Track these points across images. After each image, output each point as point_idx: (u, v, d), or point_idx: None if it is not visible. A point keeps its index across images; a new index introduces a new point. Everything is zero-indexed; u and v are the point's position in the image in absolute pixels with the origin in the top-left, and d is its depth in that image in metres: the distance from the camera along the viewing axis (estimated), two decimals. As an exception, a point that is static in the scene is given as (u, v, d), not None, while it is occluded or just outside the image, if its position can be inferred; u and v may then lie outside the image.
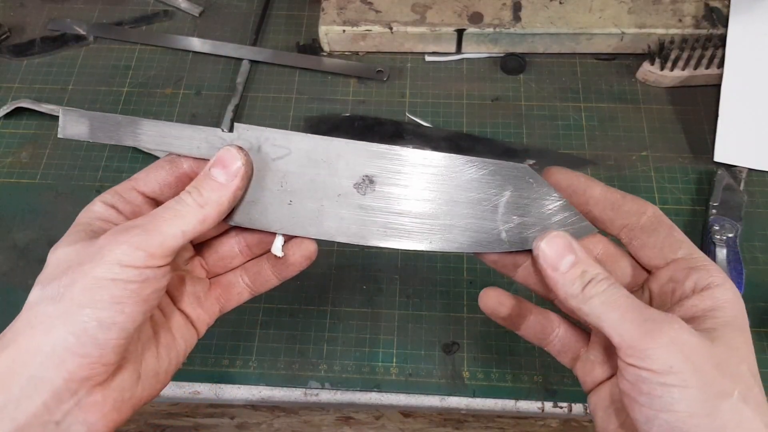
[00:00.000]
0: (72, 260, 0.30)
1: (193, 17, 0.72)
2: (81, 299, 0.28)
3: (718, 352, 0.28)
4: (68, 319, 0.28)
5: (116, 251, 0.29)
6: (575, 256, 0.32)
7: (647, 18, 0.65)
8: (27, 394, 0.28)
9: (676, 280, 0.31)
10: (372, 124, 0.63)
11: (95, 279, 0.29)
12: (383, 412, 0.58)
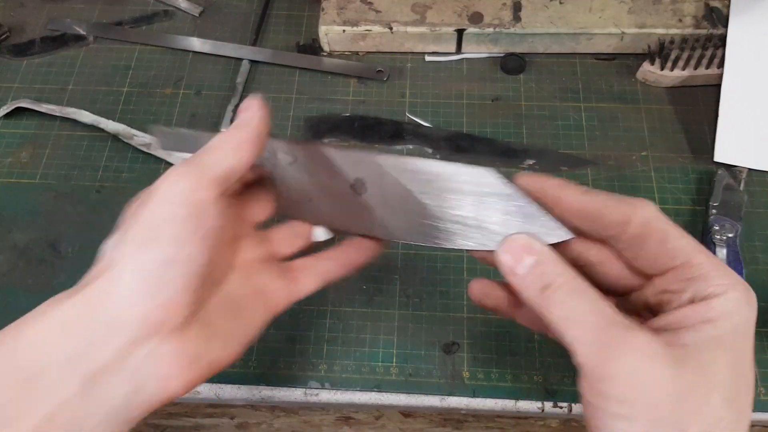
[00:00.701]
0: (137, 205, 0.31)
1: (193, 17, 0.72)
2: (140, 239, 0.28)
3: (684, 380, 0.25)
4: (132, 260, 0.28)
5: (163, 187, 0.29)
6: (536, 258, 0.29)
7: (647, 18, 0.65)
8: (102, 339, 0.27)
9: (672, 291, 0.28)
10: (372, 124, 0.63)
11: (150, 217, 0.29)
12: (383, 412, 0.58)
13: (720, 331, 0.26)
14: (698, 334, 0.26)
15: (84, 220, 0.58)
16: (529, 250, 0.30)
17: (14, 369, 0.26)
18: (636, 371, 0.25)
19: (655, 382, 0.25)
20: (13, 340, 0.27)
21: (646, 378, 0.25)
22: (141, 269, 0.28)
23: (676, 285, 0.28)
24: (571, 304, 0.27)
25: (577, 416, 0.50)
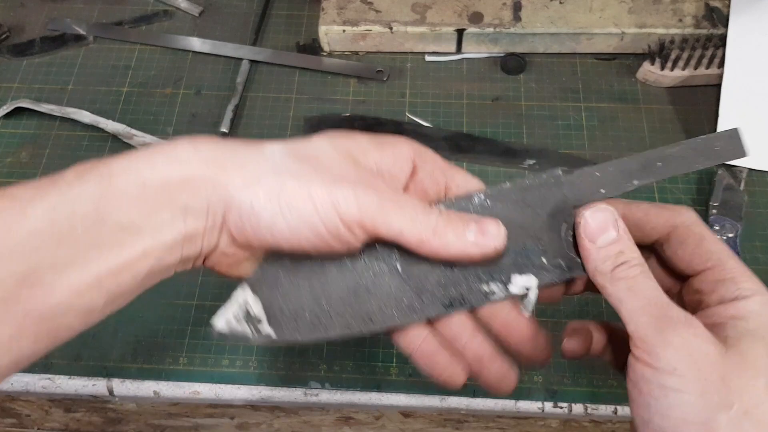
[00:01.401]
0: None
1: (193, 17, 0.72)
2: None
3: (730, 362, 0.27)
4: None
5: (342, 193, 0.29)
6: (617, 234, 0.30)
7: (647, 18, 0.65)
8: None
9: (702, 292, 0.30)
10: (372, 124, 0.63)
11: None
12: (383, 412, 0.58)
13: (751, 327, 0.28)
14: (735, 328, 0.28)
15: (84, 220, 0.58)
16: (614, 224, 0.31)
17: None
18: (691, 346, 0.27)
19: (707, 359, 0.26)
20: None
21: (700, 354, 0.26)
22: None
23: (707, 285, 0.30)
24: (639, 280, 0.29)
25: (577, 416, 0.50)
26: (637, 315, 0.28)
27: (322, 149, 0.31)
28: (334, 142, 0.31)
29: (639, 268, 0.29)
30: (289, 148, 0.30)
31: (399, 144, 0.33)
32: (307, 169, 0.29)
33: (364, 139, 0.32)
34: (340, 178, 0.29)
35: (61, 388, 0.52)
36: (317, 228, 0.29)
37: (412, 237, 0.30)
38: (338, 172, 0.30)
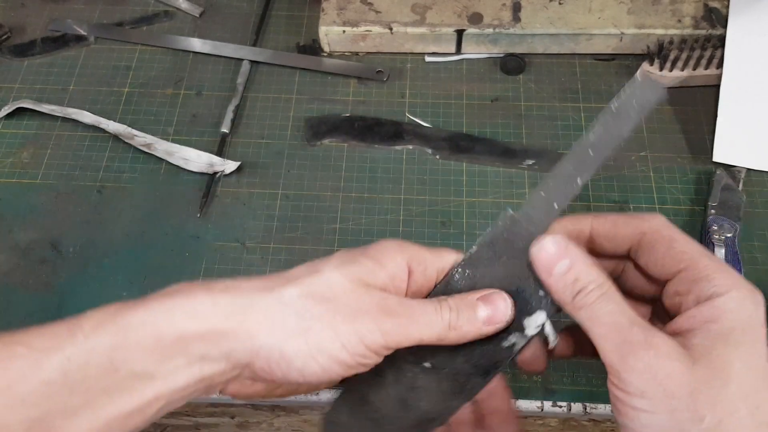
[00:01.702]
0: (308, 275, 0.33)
1: (194, 18, 0.73)
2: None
3: (698, 375, 0.27)
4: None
5: (364, 326, 0.31)
6: (569, 261, 0.31)
7: (646, 18, 0.65)
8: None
9: (680, 293, 0.30)
10: (372, 125, 0.64)
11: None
12: (383, 412, 0.58)
13: (725, 329, 0.28)
14: (706, 334, 0.28)
15: (85, 220, 0.58)
16: (564, 253, 0.31)
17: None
18: (652, 366, 0.27)
19: (670, 376, 0.27)
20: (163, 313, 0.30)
21: (662, 371, 0.27)
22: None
23: (683, 287, 0.30)
24: (599, 306, 0.29)
25: (576, 415, 0.50)
26: (601, 342, 0.29)
27: (336, 284, 0.31)
28: (344, 271, 0.32)
29: (596, 293, 0.30)
30: (305, 290, 0.31)
31: (395, 255, 0.34)
32: (327, 309, 0.31)
33: (367, 260, 0.33)
34: (359, 312, 0.31)
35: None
36: (347, 362, 0.31)
37: (432, 339, 0.32)
38: (356, 306, 0.31)
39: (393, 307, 0.31)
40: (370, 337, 0.30)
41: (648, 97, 0.32)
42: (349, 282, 0.31)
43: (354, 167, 0.61)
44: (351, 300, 0.31)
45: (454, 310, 0.32)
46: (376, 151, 0.62)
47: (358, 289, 0.31)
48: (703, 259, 0.30)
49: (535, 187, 0.33)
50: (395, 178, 0.61)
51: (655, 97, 0.32)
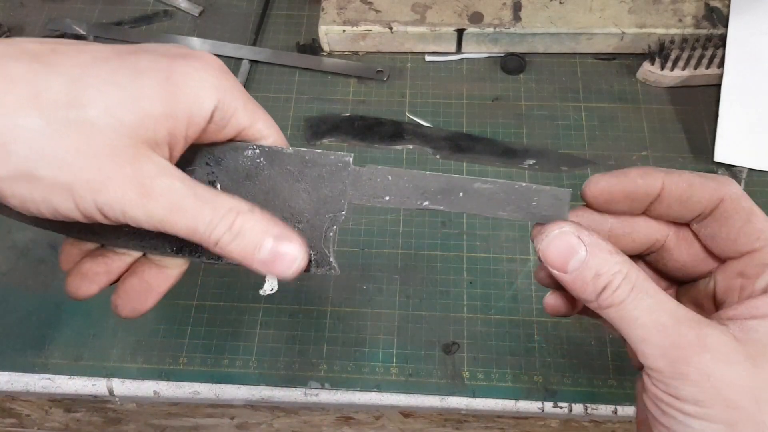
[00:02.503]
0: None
1: (193, 17, 0.72)
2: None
3: (760, 379, 0.24)
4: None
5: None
6: (586, 253, 0.26)
7: (647, 18, 0.65)
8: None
9: (746, 276, 0.27)
10: (372, 124, 0.63)
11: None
12: (383, 413, 0.58)
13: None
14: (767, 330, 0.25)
15: (84, 220, 0.58)
16: (576, 246, 0.27)
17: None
18: (710, 373, 0.24)
19: (732, 383, 0.24)
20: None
21: (722, 379, 0.24)
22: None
23: (752, 269, 0.27)
24: (633, 303, 0.26)
25: (577, 416, 0.50)
26: (642, 346, 0.25)
27: (103, 136, 0.26)
28: (122, 118, 0.26)
29: (625, 288, 0.26)
30: (55, 121, 0.25)
31: (205, 92, 0.28)
32: (78, 161, 0.26)
33: (162, 97, 0.26)
34: (116, 181, 0.26)
35: (61, 388, 0.52)
36: (77, 218, 0.28)
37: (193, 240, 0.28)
38: (119, 171, 0.26)
39: (158, 191, 0.26)
40: (107, 211, 0.26)
41: (549, 211, 0.29)
42: (117, 137, 0.25)
43: (354, 167, 0.61)
44: (108, 159, 0.25)
45: (232, 233, 0.27)
46: (376, 151, 0.62)
47: (126, 148, 0.26)
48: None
49: (391, 167, 0.30)
50: (395, 178, 0.60)
51: (552, 217, 0.29)
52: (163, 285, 0.33)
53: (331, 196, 0.30)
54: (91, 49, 0.27)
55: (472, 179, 0.29)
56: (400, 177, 0.30)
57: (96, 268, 0.33)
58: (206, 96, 0.27)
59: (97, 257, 0.33)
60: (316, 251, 0.31)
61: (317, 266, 0.31)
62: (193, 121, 0.27)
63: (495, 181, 0.29)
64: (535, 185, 0.29)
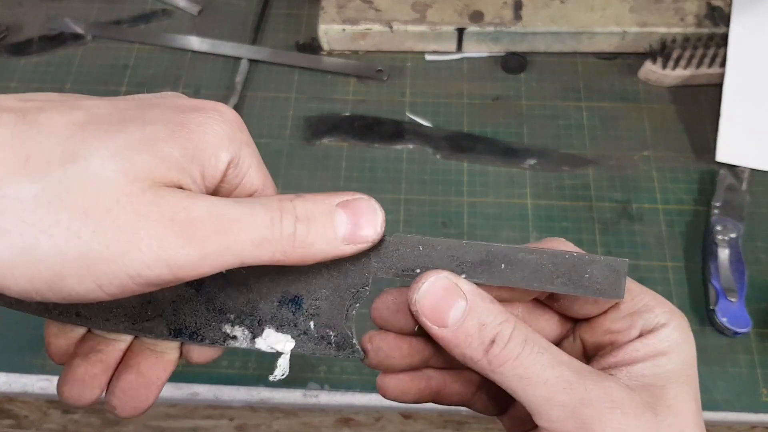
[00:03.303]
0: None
1: (192, 16, 0.72)
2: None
3: (662, 427, 0.23)
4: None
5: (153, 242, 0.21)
6: (466, 303, 0.24)
7: (649, 17, 0.64)
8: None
9: (615, 331, 0.26)
10: (372, 124, 0.63)
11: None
12: (383, 414, 0.58)
13: (676, 365, 0.24)
14: (656, 370, 0.24)
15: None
16: (454, 293, 0.24)
17: None
18: (624, 430, 0.23)
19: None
20: None
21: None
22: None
23: (621, 323, 0.26)
24: (531, 358, 0.23)
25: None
26: (546, 407, 0.23)
27: (104, 185, 0.21)
28: (124, 164, 0.21)
29: (518, 340, 0.24)
30: (49, 189, 0.21)
31: (219, 149, 0.24)
32: (78, 224, 0.21)
33: (173, 147, 0.22)
34: (136, 232, 0.21)
35: (58, 389, 0.52)
36: (100, 298, 0.23)
37: (260, 261, 0.24)
38: (132, 220, 0.21)
39: (199, 218, 0.22)
40: (147, 273, 0.21)
41: (603, 285, 0.26)
42: (129, 182, 0.21)
43: (354, 167, 0.61)
44: (125, 211, 0.21)
45: (303, 221, 0.23)
46: (376, 151, 0.62)
47: (143, 192, 0.21)
48: (641, 292, 0.26)
49: (420, 235, 0.28)
50: (395, 178, 0.60)
51: (607, 293, 0.26)
52: (162, 375, 0.29)
53: (353, 269, 0.27)
54: (86, 105, 0.23)
55: (515, 248, 0.26)
56: (433, 247, 0.27)
57: (92, 370, 0.28)
58: (223, 147, 0.24)
59: (89, 355, 0.28)
60: (337, 332, 0.27)
61: (338, 349, 0.27)
62: (207, 173, 0.23)
63: (542, 251, 0.26)
64: (588, 255, 0.26)
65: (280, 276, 0.27)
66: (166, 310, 0.28)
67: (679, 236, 0.56)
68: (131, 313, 0.28)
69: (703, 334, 0.51)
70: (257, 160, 0.26)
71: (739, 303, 0.51)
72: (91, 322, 0.28)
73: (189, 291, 0.28)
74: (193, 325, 0.27)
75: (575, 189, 0.59)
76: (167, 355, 0.29)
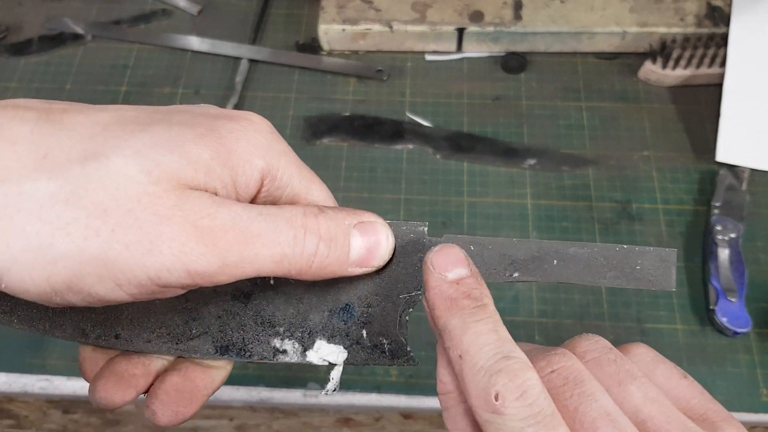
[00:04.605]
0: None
1: (192, 16, 0.72)
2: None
3: None
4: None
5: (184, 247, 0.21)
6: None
7: (649, 17, 0.64)
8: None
9: None
10: (372, 124, 0.63)
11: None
12: (383, 414, 0.58)
13: None
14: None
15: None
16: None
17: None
18: None
19: None
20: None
21: None
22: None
23: None
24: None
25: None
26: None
27: (124, 184, 0.21)
28: (147, 163, 0.21)
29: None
30: (67, 187, 0.21)
31: (252, 155, 0.23)
32: (98, 222, 0.21)
33: (203, 149, 0.22)
34: (158, 234, 0.21)
35: (59, 389, 0.52)
36: (119, 300, 0.23)
37: (278, 273, 0.24)
38: (154, 222, 0.21)
39: (222, 227, 0.21)
40: (167, 277, 0.21)
41: (654, 276, 0.26)
42: (152, 182, 0.20)
43: (354, 167, 0.61)
44: (147, 212, 0.20)
45: (325, 241, 0.23)
46: (376, 151, 0.62)
47: (167, 193, 0.21)
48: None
49: (471, 236, 0.28)
50: (395, 178, 0.60)
51: (658, 284, 0.26)
52: (209, 386, 0.27)
53: (404, 273, 0.27)
54: (112, 108, 0.23)
55: (566, 244, 0.26)
56: (484, 246, 0.27)
57: (133, 369, 0.27)
58: (257, 155, 0.23)
59: (132, 356, 0.27)
60: (390, 340, 0.27)
61: (392, 357, 0.26)
62: (240, 180, 0.23)
63: (593, 245, 0.26)
64: (638, 247, 0.26)
65: (330, 284, 0.26)
66: (211, 327, 0.27)
67: (679, 236, 0.56)
68: (174, 332, 0.27)
69: (703, 334, 0.51)
70: (297, 166, 0.26)
71: (739, 303, 0.51)
72: (132, 344, 0.27)
73: (236, 305, 0.27)
74: (241, 342, 0.27)
75: (575, 189, 0.59)
76: (214, 372, 0.28)
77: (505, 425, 0.21)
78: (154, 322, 0.27)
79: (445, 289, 0.24)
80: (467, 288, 0.24)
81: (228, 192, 0.22)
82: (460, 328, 0.23)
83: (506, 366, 0.21)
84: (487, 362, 0.22)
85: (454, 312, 0.24)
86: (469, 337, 0.23)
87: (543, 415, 0.21)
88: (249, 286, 0.27)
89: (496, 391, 0.21)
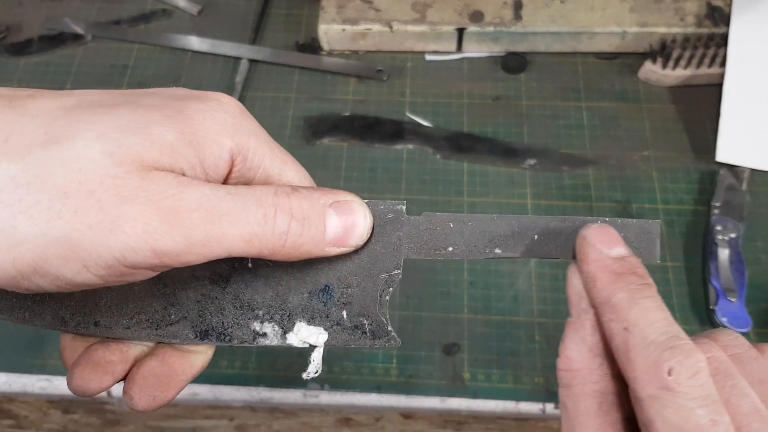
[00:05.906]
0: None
1: (192, 16, 0.72)
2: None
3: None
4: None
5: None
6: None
7: (649, 17, 0.64)
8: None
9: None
10: (372, 124, 0.63)
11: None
12: (383, 414, 0.58)
13: None
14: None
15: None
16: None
17: None
18: None
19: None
20: None
21: None
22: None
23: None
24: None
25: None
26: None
27: (89, 167, 0.20)
28: (110, 146, 0.21)
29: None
30: (30, 171, 0.21)
31: (220, 135, 0.23)
32: (59, 205, 0.21)
33: (168, 131, 0.22)
34: (120, 214, 0.21)
35: (59, 389, 0.52)
36: (88, 283, 0.23)
37: (249, 254, 0.23)
38: (116, 203, 0.21)
39: (187, 206, 0.21)
40: (134, 257, 0.20)
41: (638, 248, 0.26)
42: (115, 164, 0.20)
43: (354, 167, 0.61)
44: (109, 193, 0.20)
45: (298, 220, 0.23)
46: (376, 151, 0.62)
47: (130, 175, 0.21)
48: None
49: (451, 213, 0.27)
50: (395, 178, 0.60)
51: (643, 256, 0.26)
52: (188, 371, 0.28)
53: (383, 252, 0.26)
54: (78, 92, 0.23)
55: (547, 218, 0.26)
56: (464, 223, 0.26)
57: (110, 356, 0.27)
58: (225, 135, 0.23)
59: (110, 343, 0.27)
60: (371, 320, 0.26)
61: (373, 337, 0.26)
62: (208, 161, 0.23)
63: (574, 218, 0.26)
64: (620, 219, 0.26)
65: (309, 266, 0.26)
66: (190, 312, 0.27)
67: (679, 236, 0.56)
68: (153, 318, 0.27)
69: (703, 334, 0.51)
70: (270, 147, 0.25)
71: (739, 303, 0.51)
72: (111, 331, 0.27)
73: (215, 289, 0.27)
74: (220, 326, 0.27)
75: (575, 189, 0.59)
76: (194, 357, 0.28)
77: (674, 402, 0.21)
78: (132, 309, 0.27)
79: (609, 264, 0.24)
80: (632, 266, 0.24)
81: (196, 173, 0.22)
82: (628, 301, 0.23)
83: (679, 344, 0.21)
84: (658, 337, 0.22)
85: (621, 285, 0.24)
86: (637, 311, 0.23)
87: (712, 399, 0.21)
88: (227, 270, 0.27)
89: (669, 366, 0.21)
